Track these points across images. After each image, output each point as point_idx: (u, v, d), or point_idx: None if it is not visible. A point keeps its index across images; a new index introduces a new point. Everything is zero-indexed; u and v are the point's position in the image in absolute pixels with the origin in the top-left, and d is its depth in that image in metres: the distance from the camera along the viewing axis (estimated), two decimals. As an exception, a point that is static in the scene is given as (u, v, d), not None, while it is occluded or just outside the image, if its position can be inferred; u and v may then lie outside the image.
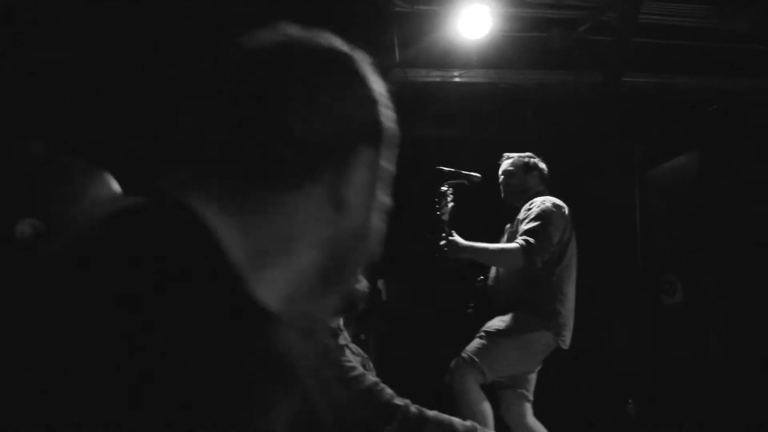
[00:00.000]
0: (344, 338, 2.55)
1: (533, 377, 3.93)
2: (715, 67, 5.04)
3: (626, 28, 4.47)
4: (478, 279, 4.19)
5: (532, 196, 3.94)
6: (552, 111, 5.24)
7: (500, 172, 4.10)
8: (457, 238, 3.75)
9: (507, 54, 4.88)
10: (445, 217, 3.76)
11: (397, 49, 4.67)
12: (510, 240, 3.85)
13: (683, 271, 5.54)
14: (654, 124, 5.54)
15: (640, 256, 5.92)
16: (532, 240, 3.65)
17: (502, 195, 4.10)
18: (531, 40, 4.77)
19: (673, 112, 5.42)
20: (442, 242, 3.73)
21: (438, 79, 5.22)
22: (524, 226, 3.75)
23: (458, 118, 5.34)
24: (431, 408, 2.29)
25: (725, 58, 4.91)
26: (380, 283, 5.63)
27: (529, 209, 3.86)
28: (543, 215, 3.75)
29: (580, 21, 4.62)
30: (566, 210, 3.86)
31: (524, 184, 4.03)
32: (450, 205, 3.77)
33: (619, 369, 5.33)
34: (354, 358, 2.50)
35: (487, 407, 3.62)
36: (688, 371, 5.16)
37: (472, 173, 3.81)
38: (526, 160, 4.07)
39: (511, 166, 4.08)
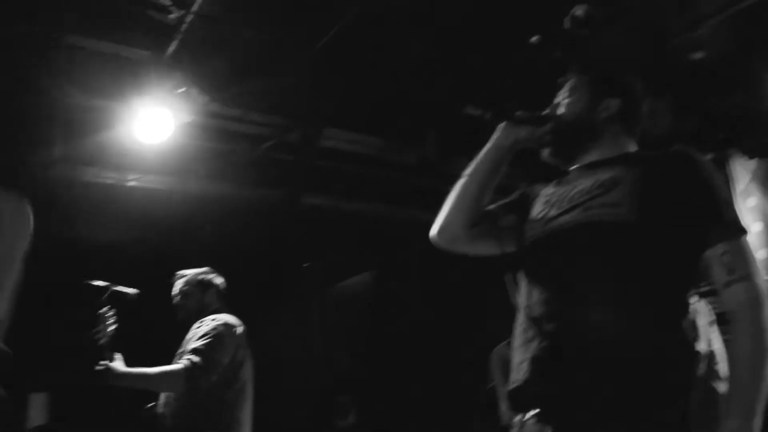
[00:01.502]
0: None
1: None
2: (386, 195, 5.39)
3: (307, 150, 4.58)
4: (146, 407, 3.68)
5: (209, 314, 3.63)
6: (231, 224, 5.09)
7: (175, 291, 3.74)
8: (114, 364, 3.27)
9: (189, 162, 4.66)
10: (103, 341, 3.27)
11: (62, 145, 4.17)
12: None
13: (357, 392, 5.64)
14: (332, 244, 5.69)
15: (317, 375, 5.92)
16: (196, 359, 3.33)
17: (179, 316, 3.73)
18: (214, 152, 4.63)
19: (351, 234, 5.65)
20: (98, 369, 3.22)
21: (111, 181, 4.77)
22: (190, 345, 3.44)
23: (129, 223, 4.90)
24: None
25: (396, 187, 5.29)
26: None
27: (199, 327, 3.55)
28: (211, 334, 3.46)
29: (264, 138, 4.62)
30: (239, 329, 3.61)
31: (200, 304, 3.71)
32: (110, 325, 3.31)
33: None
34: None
35: None
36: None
37: (128, 289, 3.41)
38: (202, 277, 3.78)
39: (186, 285, 3.74)
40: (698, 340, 3.42)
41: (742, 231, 1.61)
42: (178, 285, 3.75)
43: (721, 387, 2.64)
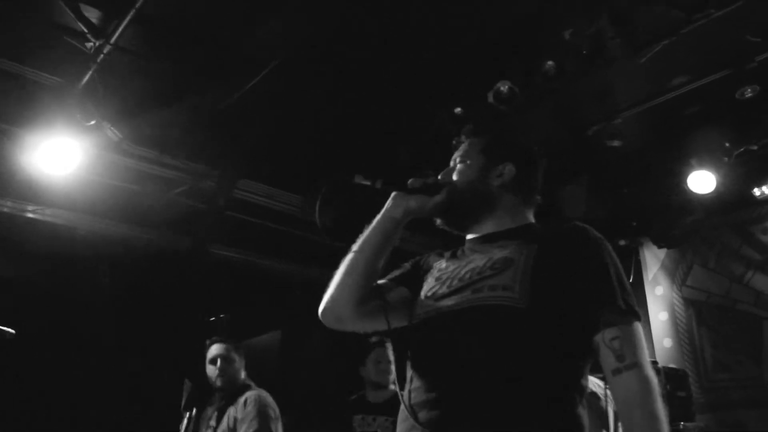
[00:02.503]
0: None
1: None
2: (299, 253, 5.26)
3: (219, 200, 4.43)
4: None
5: (240, 385, 3.83)
6: (134, 268, 4.84)
7: (216, 356, 3.82)
8: None
9: (94, 199, 4.44)
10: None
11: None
12: None
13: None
14: (240, 299, 5.49)
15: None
16: None
17: (218, 383, 3.78)
18: (123, 191, 4.43)
19: (260, 290, 5.47)
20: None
21: (7, 210, 4.49)
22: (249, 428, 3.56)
23: (23, 257, 4.61)
24: None
25: (309, 247, 5.15)
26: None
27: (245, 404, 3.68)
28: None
29: (176, 182, 4.45)
30: None
31: (238, 372, 3.90)
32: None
33: None
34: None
35: None
36: None
37: (4, 329, 3.14)
38: (238, 344, 3.95)
39: (229, 351, 3.86)
40: (607, 428, 3.37)
41: (635, 316, 1.55)
42: (219, 350, 3.83)
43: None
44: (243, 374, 3.91)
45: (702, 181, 4.83)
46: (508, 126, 2.07)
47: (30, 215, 4.53)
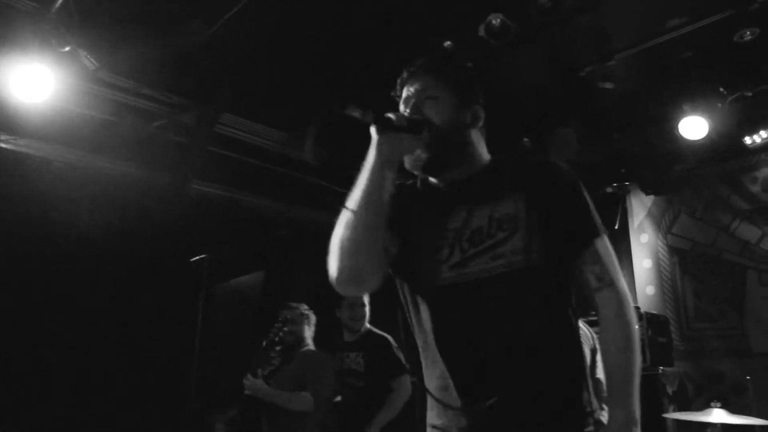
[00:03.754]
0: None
1: None
2: (284, 192, 5.15)
3: (201, 134, 4.29)
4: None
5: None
6: (111, 204, 4.71)
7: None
8: None
9: (70, 130, 4.28)
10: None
11: None
12: None
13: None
14: (224, 238, 5.41)
15: (197, 374, 5.60)
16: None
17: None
18: (99, 122, 4.28)
19: (243, 229, 5.38)
20: None
21: (-22, 140, 4.33)
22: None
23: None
24: None
25: (294, 185, 5.04)
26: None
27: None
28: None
29: (156, 115, 4.30)
30: None
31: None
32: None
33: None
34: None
35: None
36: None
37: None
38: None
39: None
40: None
41: (604, 230, 1.76)
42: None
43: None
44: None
45: (694, 128, 4.76)
46: (463, 62, 1.98)
47: (2, 145, 4.37)
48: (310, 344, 4.21)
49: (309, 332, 4.25)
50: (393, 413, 3.96)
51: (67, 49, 3.76)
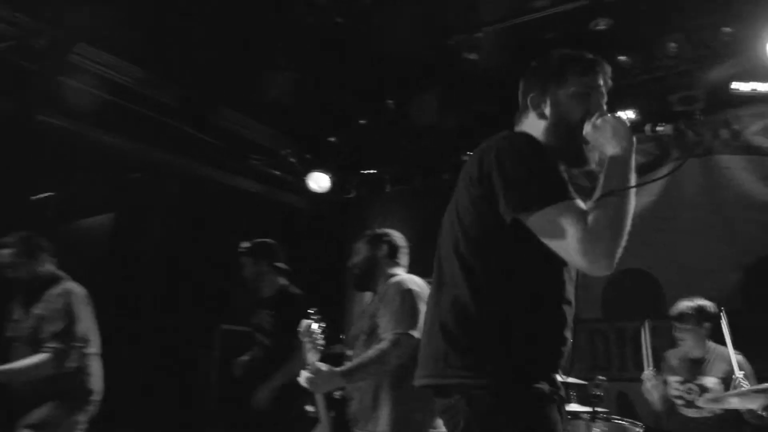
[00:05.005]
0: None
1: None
2: (140, 133, 4.90)
3: (51, 62, 3.99)
4: None
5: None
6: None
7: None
8: None
9: None
10: None
11: None
12: None
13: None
14: (70, 175, 5.08)
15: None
16: None
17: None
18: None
19: (94, 168, 5.07)
20: None
21: None
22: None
23: None
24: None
25: (152, 127, 4.82)
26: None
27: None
28: None
29: (2, 36, 3.95)
30: None
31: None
32: None
33: None
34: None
35: None
36: None
37: None
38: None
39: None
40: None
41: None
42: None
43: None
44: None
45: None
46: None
47: None
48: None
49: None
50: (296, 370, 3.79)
51: None
